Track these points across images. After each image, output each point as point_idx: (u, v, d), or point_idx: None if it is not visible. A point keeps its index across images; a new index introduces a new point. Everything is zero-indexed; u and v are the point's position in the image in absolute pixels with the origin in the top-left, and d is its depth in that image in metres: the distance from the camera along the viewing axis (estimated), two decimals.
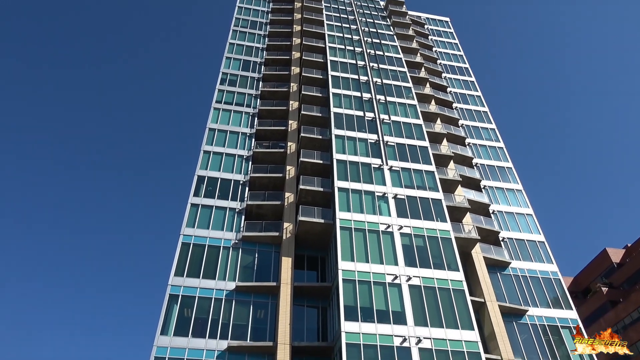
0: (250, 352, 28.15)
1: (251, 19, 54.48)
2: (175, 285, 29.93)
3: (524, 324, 31.67)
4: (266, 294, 30.94)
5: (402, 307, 27.52)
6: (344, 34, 51.24)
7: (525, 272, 34.71)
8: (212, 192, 35.80)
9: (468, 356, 26.08)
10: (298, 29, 52.87)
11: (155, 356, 26.84)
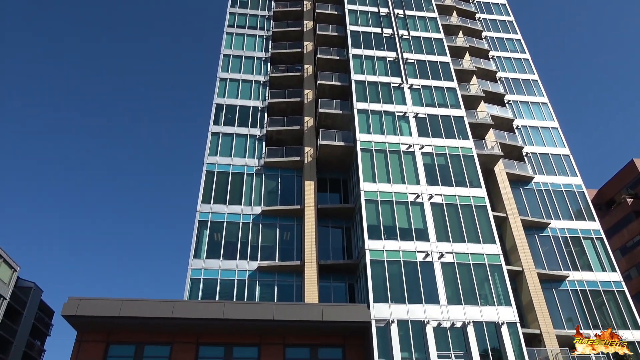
0: (279, 271, 29.71)
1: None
2: (204, 212, 31.14)
3: (545, 236, 32.29)
4: (291, 217, 32.00)
5: (425, 224, 28.23)
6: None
7: (549, 186, 34.77)
8: (231, 120, 35.97)
9: (489, 268, 27.01)
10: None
11: (191, 277, 28.63)
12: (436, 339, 24.18)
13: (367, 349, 24.63)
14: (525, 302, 29.15)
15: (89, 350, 23.61)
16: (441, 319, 24.78)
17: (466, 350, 24.16)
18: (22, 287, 46.99)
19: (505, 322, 25.08)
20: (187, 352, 24.11)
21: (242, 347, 24.78)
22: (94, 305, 23.41)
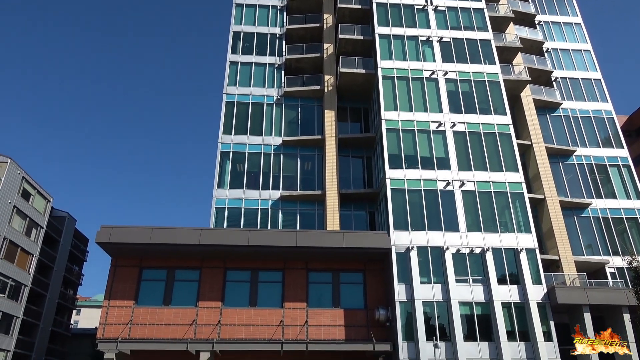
0: (301, 200, 30.39)
1: None
2: (225, 143, 31.50)
3: (570, 164, 31.87)
4: (312, 147, 32.16)
5: (446, 153, 28.07)
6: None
7: (577, 112, 33.76)
8: (249, 49, 35.26)
9: (511, 196, 27.08)
10: None
11: (216, 207, 29.60)
12: (455, 265, 24.91)
13: (386, 273, 25.61)
14: (546, 229, 29.41)
15: (124, 274, 25.19)
16: (460, 246, 25.35)
17: (484, 275, 24.89)
18: (57, 216, 49.37)
19: (524, 249, 25.53)
20: (216, 275, 25.52)
21: (267, 272, 26.04)
22: (126, 232, 24.63)
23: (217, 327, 24.10)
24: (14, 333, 40.56)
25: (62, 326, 51.47)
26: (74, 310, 58.52)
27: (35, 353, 44.21)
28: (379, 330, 24.55)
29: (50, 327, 47.53)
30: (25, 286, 42.36)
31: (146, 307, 24.53)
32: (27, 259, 42.93)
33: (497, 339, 23.36)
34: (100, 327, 24.13)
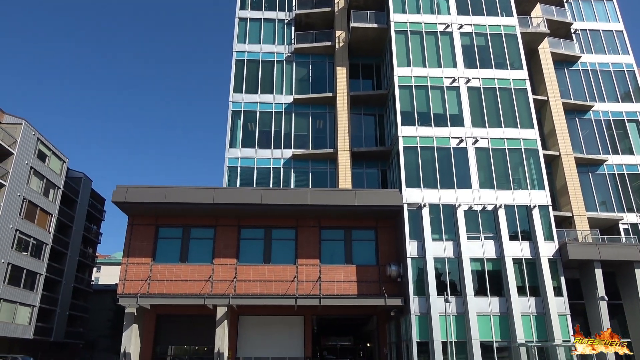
0: (313, 158, 30.44)
1: None
2: (236, 102, 31.36)
3: (587, 120, 31.27)
4: (323, 105, 31.89)
5: (460, 109, 27.65)
6: None
7: (596, 65, 32.77)
8: (258, 3, 34.44)
9: (525, 153, 26.80)
10: None
11: (228, 166, 29.83)
12: (466, 221, 25.04)
13: (398, 230, 25.89)
14: (560, 186, 29.23)
15: (141, 232, 25.82)
16: (472, 203, 25.39)
17: (496, 232, 25.04)
18: (73, 177, 50.23)
19: (537, 205, 25.50)
20: (230, 233, 26.05)
21: (281, 229, 26.48)
22: (141, 192, 25.05)
23: (232, 283, 24.82)
24: (38, 289, 42.24)
25: (84, 283, 53.41)
26: (94, 267, 60.50)
27: (59, 308, 46.16)
28: (391, 285, 25.08)
29: (73, 284, 49.35)
30: (47, 245, 43.73)
31: (163, 264, 25.27)
32: (47, 219, 44.10)
33: (507, 293, 23.75)
34: (120, 283, 25.00)
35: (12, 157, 39.08)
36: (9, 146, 38.66)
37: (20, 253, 39.81)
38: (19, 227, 39.59)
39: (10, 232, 38.46)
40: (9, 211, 38.37)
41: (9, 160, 38.98)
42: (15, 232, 39.04)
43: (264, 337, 26.32)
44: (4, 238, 37.65)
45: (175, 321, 26.55)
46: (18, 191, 39.52)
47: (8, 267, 38.15)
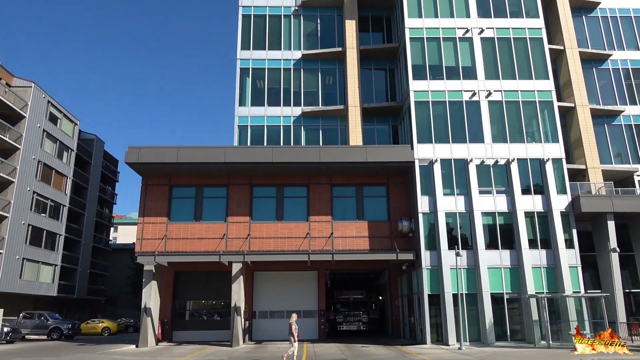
0: (323, 115, 30.24)
1: None
2: (244, 59, 30.94)
3: (604, 70, 30.38)
4: (333, 60, 31.35)
5: (473, 61, 27.00)
6: None
7: (616, 11, 31.47)
8: None
9: (539, 105, 26.30)
10: None
11: (238, 125, 29.80)
12: (478, 176, 24.96)
13: (409, 186, 25.95)
14: (574, 138, 28.81)
15: (155, 193, 26.24)
16: (485, 157, 25.23)
17: (508, 186, 24.97)
18: (85, 139, 50.66)
19: (550, 158, 25.26)
20: (242, 192, 26.36)
21: (292, 187, 26.70)
22: (153, 152, 25.27)
23: (246, 240, 25.35)
24: (58, 249, 43.58)
25: (102, 242, 54.90)
26: (112, 227, 61.93)
27: (80, 266, 47.73)
28: (402, 240, 25.43)
29: (92, 244, 50.78)
30: (64, 206, 44.72)
31: (178, 223, 25.80)
32: (62, 181, 44.89)
33: (518, 246, 23.96)
34: (137, 242, 25.67)
35: (24, 120, 39.40)
36: (20, 109, 38.89)
37: (39, 214, 40.85)
38: (36, 190, 40.42)
39: (28, 195, 39.32)
40: (26, 174, 39.08)
41: (21, 124, 39.33)
42: (32, 194, 39.90)
43: (279, 292, 27.10)
44: (22, 200, 38.55)
45: (192, 278, 27.38)
46: (33, 154, 40.08)
47: (29, 229, 39.26)
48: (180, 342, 25.86)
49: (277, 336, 26.13)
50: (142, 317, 24.13)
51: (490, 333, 22.69)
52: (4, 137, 37.00)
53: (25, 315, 32.99)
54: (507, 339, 22.92)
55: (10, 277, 36.82)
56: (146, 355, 19.74)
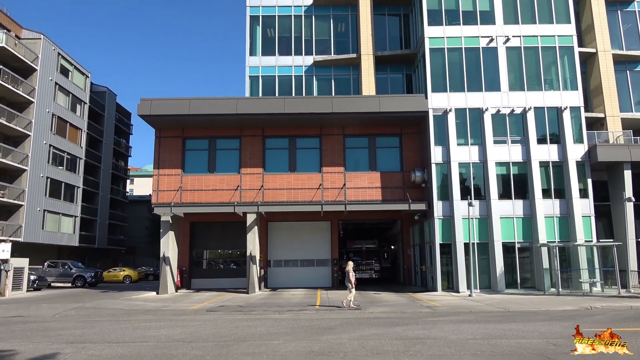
0: (335, 64, 29.64)
1: None
2: (254, 6, 30.15)
3: (629, 12, 28.97)
4: (345, 6, 30.35)
5: (491, 5, 25.91)
6: None
7: None
8: None
9: (559, 51, 25.39)
10: None
11: (250, 75, 29.43)
12: (494, 126, 24.57)
13: (423, 136, 25.71)
14: (594, 85, 27.97)
15: (168, 145, 26.42)
16: (501, 106, 24.72)
17: (523, 135, 24.59)
18: (97, 91, 50.61)
19: (568, 107, 24.66)
20: (255, 143, 26.40)
21: (305, 138, 26.65)
22: (165, 104, 25.22)
23: (260, 191, 25.64)
24: (77, 201, 44.64)
25: (119, 194, 56.03)
26: (128, 179, 62.96)
27: (99, 217, 49.02)
28: (415, 191, 25.49)
29: (109, 195, 51.85)
30: (80, 159, 45.38)
31: (193, 174, 26.10)
32: (77, 134, 45.30)
33: (531, 196, 23.89)
34: (153, 193, 26.13)
35: (35, 73, 39.32)
36: (31, 62, 38.75)
37: (56, 167, 41.58)
38: (52, 143, 40.93)
39: (45, 148, 39.88)
40: (41, 127, 39.46)
41: (33, 77, 39.29)
42: (49, 147, 40.45)
43: (293, 241, 27.67)
44: (39, 154, 39.16)
45: (208, 228, 28.00)
46: (47, 107, 40.28)
47: (47, 181, 40.10)
48: (198, 289, 26.83)
49: (292, 283, 26.97)
50: (161, 266, 24.96)
51: (500, 281, 23.09)
52: (17, 90, 37.11)
53: (50, 264, 34.33)
54: (517, 287, 23.33)
55: (33, 228, 38.05)
56: (167, 301, 20.57)
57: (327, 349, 9.26)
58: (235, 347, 9.61)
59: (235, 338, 10.71)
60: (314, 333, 11.29)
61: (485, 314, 15.25)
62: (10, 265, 25.29)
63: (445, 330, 11.50)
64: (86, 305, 19.10)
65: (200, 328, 12.41)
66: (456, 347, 9.37)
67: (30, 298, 23.58)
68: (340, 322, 13.38)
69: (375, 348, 9.26)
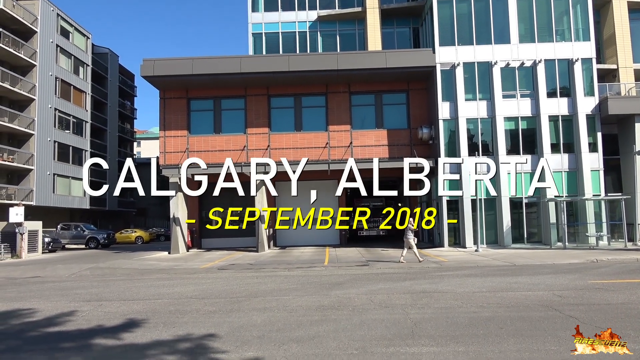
0: (340, 19, 28.92)
1: None
2: None
3: None
4: None
5: None
6: None
7: None
8: None
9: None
10: None
11: (253, 32, 28.84)
12: (502, 79, 24.09)
13: (430, 92, 25.32)
14: (607, 36, 27.11)
15: (173, 106, 26.28)
16: (510, 59, 24.14)
17: (533, 89, 24.14)
18: (99, 53, 49.98)
19: (579, 59, 24.03)
20: (260, 102, 26.18)
21: (310, 96, 26.38)
22: (168, 65, 24.91)
23: (266, 151, 25.64)
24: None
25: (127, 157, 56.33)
26: (134, 142, 63.11)
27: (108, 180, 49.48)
28: (422, 148, 25.37)
29: (117, 158, 52.13)
30: (86, 122, 45.38)
31: (199, 135, 26.08)
32: (82, 97, 45.10)
33: (540, 151, 23.69)
34: (160, 155, 26.23)
35: (35, 36, 38.76)
36: (30, 24, 38.13)
37: (63, 131, 41.68)
38: (57, 106, 40.85)
39: (50, 112, 39.84)
40: (45, 91, 39.28)
41: (34, 40, 38.78)
42: (54, 111, 40.41)
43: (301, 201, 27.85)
44: (45, 117, 39.17)
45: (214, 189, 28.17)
46: (49, 70, 39.95)
47: (55, 145, 40.30)
48: (209, 248, 27.35)
49: (300, 242, 27.38)
50: (172, 227, 25.36)
51: (507, 236, 23.27)
52: (18, 53, 36.73)
53: (63, 226, 35.01)
54: (523, 242, 23.53)
55: (44, 192, 38.58)
56: (179, 261, 21.04)
57: (336, 303, 9.50)
58: (246, 302, 9.88)
59: (247, 294, 11.00)
60: (323, 288, 11.55)
61: (492, 268, 15.47)
62: (25, 228, 25.84)
63: (452, 284, 11.71)
64: (100, 266, 19.60)
65: (212, 285, 12.73)
66: (463, 299, 9.57)
67: (46, 259, 24.21)
68: (349, 277, 13.65)
69: (384, 302, 9.49)
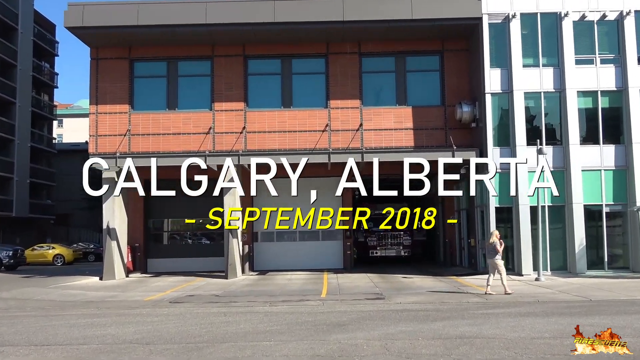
0: None
1: None
2: None
3: None
4: None
5: None
6: None
7: None
8: None
9: None
10: None
11: None
12: (576, 38, 24.13)
13: (474, 55, 25.34)
14: None
15: (110, 70, 26.23)
16: (587, 10, 24.17)
17: (618, 52, 24.17)
18: None
19: None
20: (233, 66, 26.15)
21: (304, 59, 26.41)
22: (103, 11, 24.84)
23: (241, 135, 25.60)
24: None
25: (44, 141, 56.31)
26: (55, 120, 63.00)
27: (16, 175, 49.32)
28: (461, 133, 25.40)
29: (30, 143, 52.07)
30: None
31: (146, 112, 26.04)
32: None
33: (628, 140, 23.72)
34: (90, 139, 26.19)
35: None
36: None
37: None
38: None
39: None
40: None
41: None
42: None
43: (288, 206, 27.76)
44: None
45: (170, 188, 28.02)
46: None
47: None
48: (157, 273, 27.28)
49: (287, 265, 27.31)
50: (105, 242, 25.27)
51: (580, 259, 23.29)
52: None
53: None
54: (603, 267, 23.56)
55: None
56: (114, 290, 20.95)
57: (337, 352, 9.44)
58: (209, 350, 9.81)
59: (210, 338, 10.93)
60: (319, 331, 11.50)
61: (558, 303, 15.47)
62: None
63: (502, 327, 11.68)
64: (3, 296, 19.47)
65: (160, 325, 12.66)
66: (517, 348, 9.52)
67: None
68: (355, 316, 13.61)
69: (404, 351, 9.43)
